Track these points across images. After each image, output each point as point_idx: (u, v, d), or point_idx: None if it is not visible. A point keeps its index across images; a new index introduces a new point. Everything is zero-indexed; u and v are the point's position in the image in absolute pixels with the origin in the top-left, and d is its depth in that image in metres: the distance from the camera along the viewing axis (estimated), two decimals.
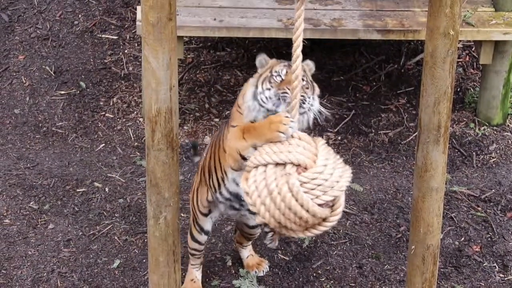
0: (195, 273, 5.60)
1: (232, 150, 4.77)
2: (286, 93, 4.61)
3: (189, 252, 5.54)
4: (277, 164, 4.34)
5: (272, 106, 4.68)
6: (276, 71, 4.72)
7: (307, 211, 4.34)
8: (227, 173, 4.96)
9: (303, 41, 4.44)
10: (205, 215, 5.36)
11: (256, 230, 5.54)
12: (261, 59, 4.82)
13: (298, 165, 4.35)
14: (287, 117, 4.41)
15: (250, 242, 5.70)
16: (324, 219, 4.42)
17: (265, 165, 4.35)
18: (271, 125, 4.47)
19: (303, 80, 4.56)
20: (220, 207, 5.24)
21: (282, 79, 4.66)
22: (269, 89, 4.69)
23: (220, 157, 4.98)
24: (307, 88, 4.64)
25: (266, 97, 4.69)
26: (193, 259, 5.58)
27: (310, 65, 4.75)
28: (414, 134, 6.67)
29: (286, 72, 4.66)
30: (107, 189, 6.29)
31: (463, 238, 6.05)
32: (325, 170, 4.36)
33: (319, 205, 4.37)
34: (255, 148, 4.49)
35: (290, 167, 4.35)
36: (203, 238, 5.45)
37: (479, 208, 6.23)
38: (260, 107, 4.71)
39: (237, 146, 4.69)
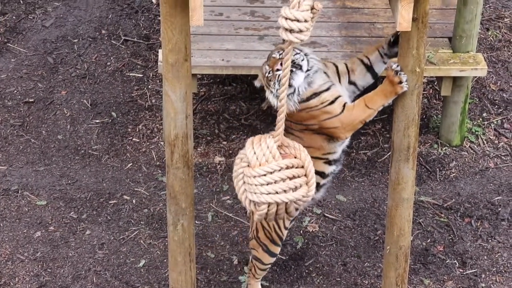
0: (259, 285, 5.40)
1: (357, 123, 4.69)
2: (278, 69, 4.61)
3: (261, 270, 5.27)
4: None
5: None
6: (266, 76, 4.71)
7: (238, 194, 4.35)
8: (337, 147, 4.83)
9: None
10: (287, 228, 5.16)
11: (291, 224, 5.32)
12: (257, 80, 4.83)
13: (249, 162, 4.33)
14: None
15: None
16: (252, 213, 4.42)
17: None
18: (386, 87, 4.52)
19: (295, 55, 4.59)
20: (322, 190, 5.01)
21: (270, 71, 4.66)
22: (273, 83, 4.67)
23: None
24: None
25: (277, 89, 4.64)
26: (262, 273, 5.33)
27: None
28: (388, 154, 6.63)
29: (269, 68, 4.67)
30: (134, 201, 6.24)
31: (429, 240, 6.00)
32: (259, 178, 4.28)
33: (252, 201, 4.33)
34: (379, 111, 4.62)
35: (245, 159, 4.33)
36: (279, 249, 5.23)
37: (442, 215, 6.18)
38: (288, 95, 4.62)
39: (364, 117, 4.69)
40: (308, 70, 4.64)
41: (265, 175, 4.25)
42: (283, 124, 4.32)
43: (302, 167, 4.32)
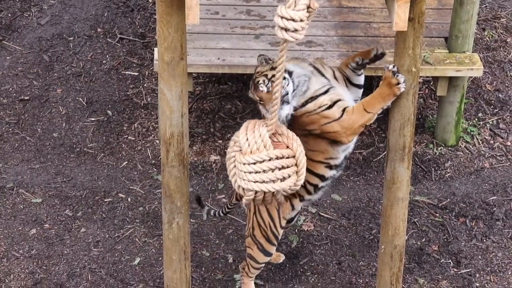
0: (253, 284, 5.40)
1: (357, 127, 4.65)
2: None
3: (255, 268, 5.27)
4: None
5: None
6: (260, 86, 4.69)
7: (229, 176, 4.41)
8: (340, 153, 4.83)
9: None
10: (283, 227, 5.16)
11: (288, 224, 5.33)
12: (261, 59, 4.83)
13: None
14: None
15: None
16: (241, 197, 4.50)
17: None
18: (384, 90, 4.49)
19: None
20: (320, 192, 5.01)
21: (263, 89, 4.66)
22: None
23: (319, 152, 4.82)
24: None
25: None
26: (255, 272, 5.33)
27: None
28: (383, 153, 6.65)
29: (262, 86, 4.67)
30: (129, 199, 6.26)
31: (424, 239, 6.02)
32: (248, 165, 4.34)
33: (240, 186, 4.38)
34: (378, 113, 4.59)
35: (238, 143, 4.38)
36: (275, 249, 5.24)
37: (437, 214, 6.20)
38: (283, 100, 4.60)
39: (363, 121, 4.63)
40: (294, 90, 4.64)
41: (254, 163, 4.32)
42: (278, 113, 4.37)
43: (293, 157, 4.36)
